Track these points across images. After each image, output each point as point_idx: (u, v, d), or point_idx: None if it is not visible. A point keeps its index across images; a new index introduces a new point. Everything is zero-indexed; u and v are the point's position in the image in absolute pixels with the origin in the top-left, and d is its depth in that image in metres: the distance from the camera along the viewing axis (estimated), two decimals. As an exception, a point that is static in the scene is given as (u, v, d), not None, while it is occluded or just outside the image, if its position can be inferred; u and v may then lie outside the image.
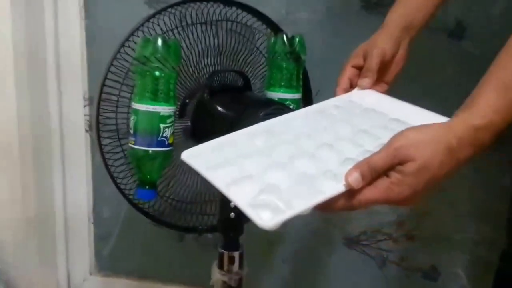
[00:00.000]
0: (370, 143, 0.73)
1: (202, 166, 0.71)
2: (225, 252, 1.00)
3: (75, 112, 1.52)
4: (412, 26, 0.91)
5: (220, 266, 1.01)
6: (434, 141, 0.65)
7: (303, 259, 1.49)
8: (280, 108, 0.94)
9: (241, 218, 0.98)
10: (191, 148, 0.75)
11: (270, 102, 1.03)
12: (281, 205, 0.62)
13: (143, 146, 0.94)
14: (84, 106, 1.52)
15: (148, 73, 0.93)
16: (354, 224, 1.42)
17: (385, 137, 0.69)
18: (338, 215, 1.42)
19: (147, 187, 0.98)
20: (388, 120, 0.79)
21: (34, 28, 1.41)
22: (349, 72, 0.89)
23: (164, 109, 0.94)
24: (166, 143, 0.95)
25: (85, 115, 1.53)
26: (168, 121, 0.95)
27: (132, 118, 0.95)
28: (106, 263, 1.65)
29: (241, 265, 1.01)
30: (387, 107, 0.82)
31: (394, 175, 0.65)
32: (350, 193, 0.66)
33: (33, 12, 1.39)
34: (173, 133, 0.97)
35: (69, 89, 1.50)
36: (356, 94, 0.89)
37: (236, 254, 1.00)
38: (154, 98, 0.94)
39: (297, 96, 1.10)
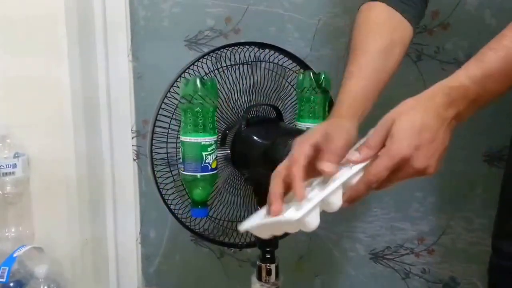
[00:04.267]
0: None
1: (250, 225, 0.81)
2: (263, 264, 1.07)
3: (124, 143, 1.59)
4: (362, 116, 0.89)
5: (259, 278, 1.08)
6: (411, 101, 0.74)
7: (334, 273, 1.52)
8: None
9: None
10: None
11: (297, 131, 1.06)
12: (302, 205, 0.73)
13: (190, 172, 1.02)
14: (132, 138, 1.59)
15: (189, 109, 1.01)
16: (379, 240, 1.45)
17: None
18: (364, 233, 1.46)
19: (199, 206, 1.06)
20: None
21: (88, 73, 1.49)
22: (308, 150, 0.79)
23: (204, 139, 1.02)
24: (210, 168, 1.03)
25: (132, 145, 1.60)
26: (209, 149, 1.02)
27: (180, 149, 1.04)
28: (152, 280, 1.69)
29: (277, 276, 1.08)
30: None
31: (388, 140, 0.72)
32: (364, 174, 0.74)
33: (88, 60, 1.49)
34: (215, 158, 1.04)
35: (118, 123, 1.57)
36: None
37: (273, 267, 1.07)
38: (196, 130, 1.02)
39: (323, 125, 1.16)
